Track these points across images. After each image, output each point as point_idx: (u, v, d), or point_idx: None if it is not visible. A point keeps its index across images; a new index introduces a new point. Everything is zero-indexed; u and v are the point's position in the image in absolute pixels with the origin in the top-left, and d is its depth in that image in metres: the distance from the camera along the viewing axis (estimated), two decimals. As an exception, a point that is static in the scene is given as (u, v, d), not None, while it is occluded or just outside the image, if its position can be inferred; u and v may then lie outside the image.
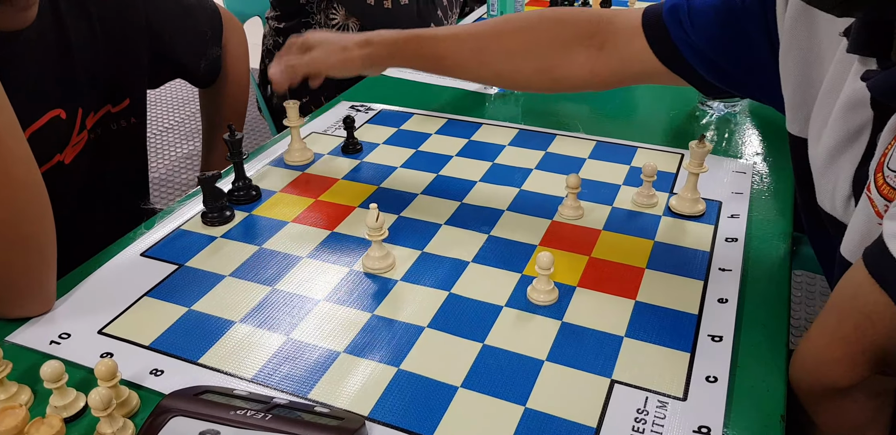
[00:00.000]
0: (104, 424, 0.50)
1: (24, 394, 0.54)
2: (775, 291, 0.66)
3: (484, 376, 0.56)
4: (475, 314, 0.63)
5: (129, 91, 0.88)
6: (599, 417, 0.52)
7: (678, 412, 0.53)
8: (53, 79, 0.73)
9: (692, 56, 0.73)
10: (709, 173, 0.79)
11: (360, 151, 0.92)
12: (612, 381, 0.56)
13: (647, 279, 0.67)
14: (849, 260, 0.54)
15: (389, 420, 0.53)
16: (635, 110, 1.04)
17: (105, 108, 0.84)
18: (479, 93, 1.10)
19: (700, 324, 0.61)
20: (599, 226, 0.75)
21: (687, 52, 0.73)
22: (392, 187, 0.84)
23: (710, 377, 0.56)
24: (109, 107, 0.85)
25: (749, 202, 0.79)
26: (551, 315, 0.63)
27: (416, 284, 0.67)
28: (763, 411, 0.53)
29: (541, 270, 0.62)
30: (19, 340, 0.61)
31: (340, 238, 0.74)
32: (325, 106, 1.06)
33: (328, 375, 0.57)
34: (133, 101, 0.89)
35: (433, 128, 0.98)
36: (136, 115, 0.90)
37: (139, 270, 0.69)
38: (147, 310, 0.64)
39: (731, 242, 0.72)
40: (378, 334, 0.61)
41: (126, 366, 0.57)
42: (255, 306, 0.64)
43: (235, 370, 0.57)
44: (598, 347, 0.59)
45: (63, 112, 0.74)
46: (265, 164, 0.89)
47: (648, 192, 0.78)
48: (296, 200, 0.81)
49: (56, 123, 0.74)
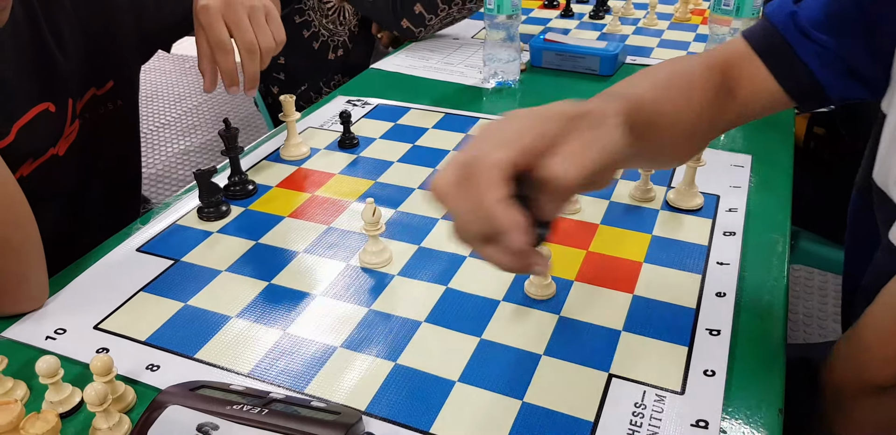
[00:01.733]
0: (100, 419, 0.50)
1: (19, 389, 0.54)
2: (773, 284, 0.66)
3: (481, 371, 0.56)
4: (472, 309, 0.63)
5: (113, 72, 0.86)
6: (597, 411, 0.52)
7: (676, 406, 0.53)
8: (32, 74, 0.71)
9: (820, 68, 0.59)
10: (707, 167, 0.79)
11: (357, 146, 0.92)
12: (609, 375, 0.55)
13: (644, 273, 0.67)
14: None
15: (386, 415, 0.52)
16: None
17: (90, 91, 0.82)
18: (476, 87, 1.10)
19: (698, 318, 0.61)
20: (597, 220, 0.75)
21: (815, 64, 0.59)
22: (389, 182, 0.83)
23: (707, 371, 0.56)
24: (94, 90, 0.83)
25: (747, 196, 0.79)
26: (549, 309, 0.62)
27: (413, 278, 0.67)
28: (761, 405, 0.53)
29: (538, 265, 0.62)
30: (15, 335, 0.60)
31: (337, 233, 0.74)
32: (322, 100, 1.06)
33: (325, 369, 0.57)
34: (118, 82, 0.87)
35: (430, 122, 0.98)
36: (122, 97, 0.88)
37: (135, 265, 0.69)
38: (143, 305, 0.64)
39: (729, 235, 0.72)
40: (375, 329, 0.61)
41: (122, 361, 0.56)
42: (252, 301, 0.64)
43: (232, 365, 0.57)
44: (595, 341, 0.59)
45: (52, 105, 0.73)
46: (261, 159, 0.89)
47: (646, 186, 0.78)
48: (292, 195, 0.81)
49: (46, 117, 0.72)
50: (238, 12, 0.73)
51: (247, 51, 0.74)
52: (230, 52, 0.74)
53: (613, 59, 1.11)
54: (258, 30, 0.75)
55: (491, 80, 1.09)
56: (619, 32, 1.31)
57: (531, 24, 1.37)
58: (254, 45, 0.74)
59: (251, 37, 0.74)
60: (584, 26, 1.35)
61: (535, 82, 1.11)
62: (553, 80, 1.12)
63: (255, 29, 0.74)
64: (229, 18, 0.73)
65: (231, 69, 0.75)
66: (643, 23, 1.35)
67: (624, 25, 1.33)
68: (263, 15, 0.75)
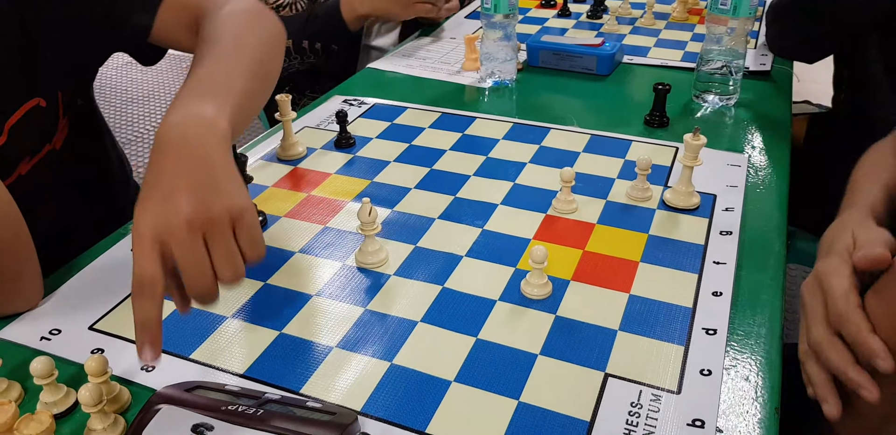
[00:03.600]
0: (95, 419, 0.50)
1: (14, 390, 0.54)
2: (770, 284, 0.66)
3: (477, 370, 0.56)
4: (468, 308, 0.63)
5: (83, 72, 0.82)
6: (593, 410, 0.52)
7: (672, 405, 0.52)
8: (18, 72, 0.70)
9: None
10: (703, 166, 0.79)
11: (353, 146, 0.91)
12: (605, 374, 0.55)
13: (641, 273, 0.67)
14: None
15: (382, 415, 0.52)
16: (630, 104, 1.03)
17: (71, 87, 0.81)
18: (474, 87, 1.09)
19: (694, 317, 0.61)
20: (594, 219, 0.75)
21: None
22: (385, 182, 0.83)
23: (704, 370, 0.56)
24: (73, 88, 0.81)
25: (744, 195, 0.79)
26: (545, 309, 0.62)
27: (410, 278, 0.67)
28: (758, 404, 0.53)
29: (534, 264, 0.62)
30: (9, 336, 0.60)
31: (333, 233, 0.74)
32: (318, 100, 1.06)
33: (321, 369, 0.56)
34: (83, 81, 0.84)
35: (427, 122, 0.98)
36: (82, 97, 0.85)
37: (130, 265, 0.69)
38: (138, 305, 0.64)
39: (725, 235, 0.72)
40: (371, 329, 0.61)
41: (117, 362, 0.56)
42: (248, 301, 0.64)
43: (227, 365, 0.57)
44: (591, 340, 0.59)
45: (42, 100, 0.72)
46: (258, 159, 0.88)
47: (643, 185, 0.78)
48: (288, 195, 0.81)
49: (37, 113, 0.72)
50: (183, 238, 0.48)
51: (197, 293, 0.50)
52: (155, 298, 0.48)
53: (610, 59, 1.11)
54: (219, 256, 0.49)
55: (488, 79, 1.08)
56: (616, 32, 1.31)
57: (528, 23, 1.37)
58: (205, 285, 0.49)
59: (202, 277, 0.49)
60: (581, 26, 1.35)
61: (531, 82, 1.11)
62: (550, 80, 1.12)
63: (214, 255, 0.49)
64: (174, 247, 0.48)
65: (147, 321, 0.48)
66: (640, 22, 1.35)
67: (621, 25, 1.33)
68: (229, 228, 0.50)
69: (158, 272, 0.48)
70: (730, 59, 0.97)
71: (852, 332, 0.50)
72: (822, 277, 0.55)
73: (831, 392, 0.52)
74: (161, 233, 0.48)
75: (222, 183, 0.51)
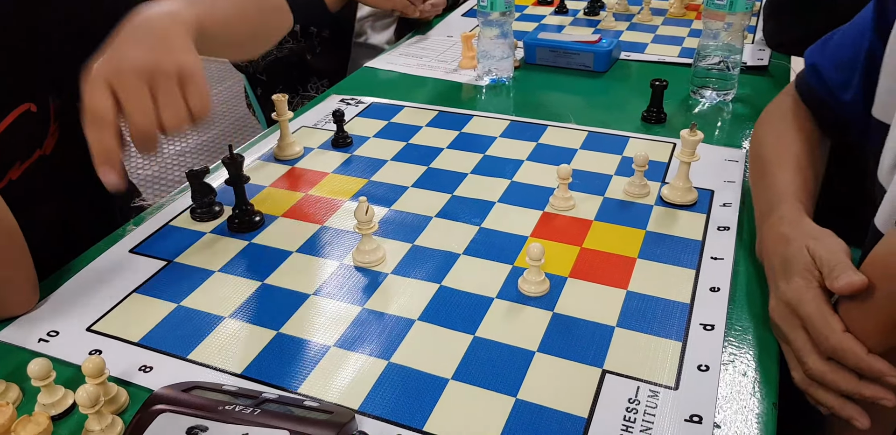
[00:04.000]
0: (92, 421, 0.50)
1: (11, 392, 0.54)
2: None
3: (475, 368, 0.56)
4: (466, 306, 0.63)
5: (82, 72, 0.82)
6: (591, 407, 0.52)
7: (670, 401, 0.52)
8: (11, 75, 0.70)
9: None
10: (701, 162, 0.79)
11: (351, 145, 0.91)
12: (603, 371, 0.55)
13: (638, 269, 0.67)
14: (880, 230, 0.53)
15: (380, 413, 0.52)
16: (627, 100, 1.03)
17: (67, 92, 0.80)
18: (471, 85, 1.09)
19: (692, 313, 0.61)
20: (591, 216, 0.75)
21: None
22: (382, 180, 0.83)
23: (701, 366, 0.55)
24: None
25: (741, 191, 0.78)
26: (542, 306, 0.62)
27: (407, 276, 0.67)
28: (755, 399, 0.53)
29: (532, 262, 0.62)
30: (7, 338, 0.60)
31: (330, 232, 0.74)
32: (315, 100, 1.06)
33: (318, 369, 0.56)
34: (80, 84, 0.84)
35: (424, 120, 0.97)
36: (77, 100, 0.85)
37: (128, 266, 0.69)
38: (136, 306, 0.64)
39: (723, 230, 0.72)
40: (368, 328, 0.61)
41: (115, 363, 0.56)
42: (245, 301, 0.64)
43: (225, 365, 0.57)
44: (589, 337, 0.59)
45: (33, 105, 0.72)
46: (255, 159, 0.88)
47: (640, 181, 0.78)
48: (286, 195, 0.81)
49: (28, 118, 0.71)
50: (129, 80, 0.54)
51: (137, 133, 0.55)
52: (107, 128, 0.54)
53: (607, 56, 1.11)
54: (164, 103, 0.55)
55: (485, 77, 1.08)
56: (613, 28, 1.30)
57: (525, 20, 1.37)
58: (146, 125, 0.54)
59: (144, 117, 0.54)
60: (578, 23, 1.35)
61: (528, 79, 1.11)
62: (547, 77, 1.11)
63: (160, 102, 0.55)
64: (118, 88, 0.54)
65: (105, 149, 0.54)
66: (637, 18, 1.35)
67: (618, 21, 1.33)
68: (176, 81, 0.55)
69: (109, 104, 0.53)
70: (727, 54, 0.97)
71: (852, 361, 0.49)
72: (793, 303, 0.54)
73: (854, 409, 0.51)
74: (109, 76, 0.54)
75: (175, 45, 0.56)
